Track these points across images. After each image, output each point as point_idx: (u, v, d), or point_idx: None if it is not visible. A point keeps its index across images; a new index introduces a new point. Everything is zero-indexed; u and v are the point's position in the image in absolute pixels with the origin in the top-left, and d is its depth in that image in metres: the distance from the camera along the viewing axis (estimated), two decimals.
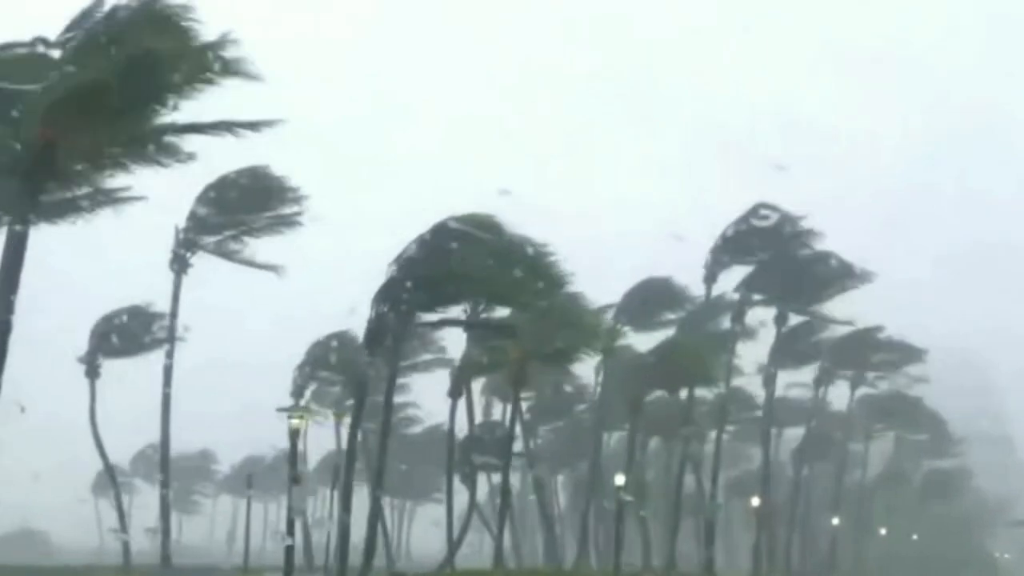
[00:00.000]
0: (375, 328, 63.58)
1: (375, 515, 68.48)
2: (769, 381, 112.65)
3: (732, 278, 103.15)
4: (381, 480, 68.90)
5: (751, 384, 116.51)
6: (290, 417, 50.42)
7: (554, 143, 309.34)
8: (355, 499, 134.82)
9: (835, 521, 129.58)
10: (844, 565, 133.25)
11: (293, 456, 50.49)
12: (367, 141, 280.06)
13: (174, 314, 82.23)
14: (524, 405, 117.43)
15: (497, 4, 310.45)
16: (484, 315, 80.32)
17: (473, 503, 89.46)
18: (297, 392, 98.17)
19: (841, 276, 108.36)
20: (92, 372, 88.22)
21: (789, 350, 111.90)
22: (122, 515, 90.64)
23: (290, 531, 50.62)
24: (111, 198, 56.59)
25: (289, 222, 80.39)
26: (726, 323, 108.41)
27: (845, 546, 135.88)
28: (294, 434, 50.27)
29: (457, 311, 71.62)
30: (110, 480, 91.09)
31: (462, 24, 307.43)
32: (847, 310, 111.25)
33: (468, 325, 69.66)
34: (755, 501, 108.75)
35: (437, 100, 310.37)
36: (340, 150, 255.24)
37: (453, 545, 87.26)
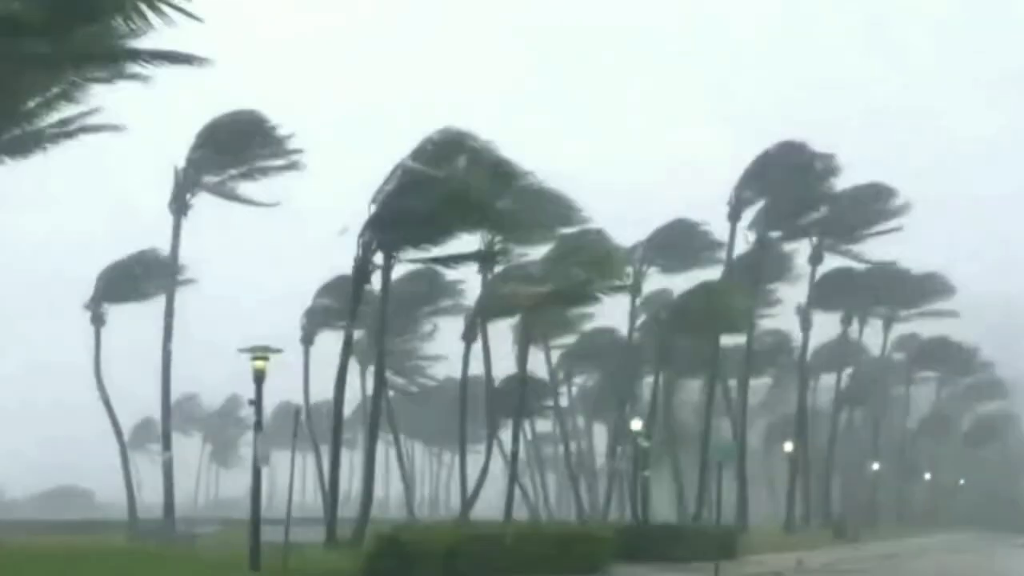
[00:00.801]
0: (361, 267, 58.60)
1: (370, 465, 63.36)
2: (805, 324, 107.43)
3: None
4: (375, 430, 63.63)
5: (793, 326, 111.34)
6: (253, 358, 45.32)
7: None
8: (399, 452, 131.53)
9: (875, 466, 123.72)
10: (887, 511, 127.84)
11: (258, 401, 45.44)
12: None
13: (175, 258, 77.79)
14: (557, 352, 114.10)
15: None
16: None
17: (489, 455, 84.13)
18: (307, 339, 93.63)
19: (877, 209, 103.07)
20: (97, 319, 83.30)
21: (821, 292, 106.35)
22: (128, 475, 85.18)
23: (256, 480, 45.64)
24: (81, 127, 51.53)
25: (288, 165, 75.83)
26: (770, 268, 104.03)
27: (888, 492, 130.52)
28: (258, 376, 45.23)
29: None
30: (116, 436, 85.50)
31: None
32: (879, 249, 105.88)
33: (451, 260, 63.68)
34: (788, 446, 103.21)
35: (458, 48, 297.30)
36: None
37: (470, 497, 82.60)
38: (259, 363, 45.25)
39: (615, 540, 59.05)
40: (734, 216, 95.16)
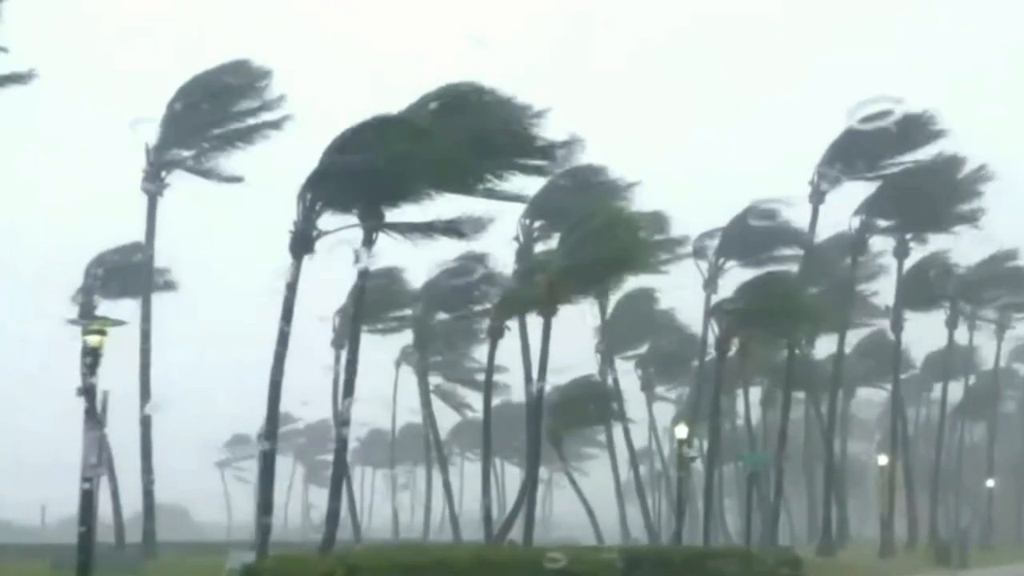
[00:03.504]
0: (303, 232, 45.42)
1: (336, 485, 50.67)
2: (896, 326, 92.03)
3: (844, 197, 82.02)
4: (344, 446, 52.55)
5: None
6: (85, 332, 33.17)
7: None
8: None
9: (990, 483, 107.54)
10: (1007, 532, 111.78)
11: (91, 386, 33.38)
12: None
13: (150, 246, 65.68)
14: (634, 360, 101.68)
15: None
16: None
17: (531, 472, 69.95)
18: (338, 342, 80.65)
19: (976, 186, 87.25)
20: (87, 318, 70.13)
21: (915, 288, 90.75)
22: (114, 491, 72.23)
23: (86, 487, 33.08)
24: None
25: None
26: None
27: (1008, 512, 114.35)
28: (92, 353, 33.02)
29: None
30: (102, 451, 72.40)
31: None
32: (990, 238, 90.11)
33: (419, 228, 49.44)
34: (882, 459, 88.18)
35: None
36: None
37: (508, 518, 69.74)
38: (94, 338, 33.37)
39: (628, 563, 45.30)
40: (816, 198, 79.80)
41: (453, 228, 49.17)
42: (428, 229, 48.84)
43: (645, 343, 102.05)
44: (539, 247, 71.50)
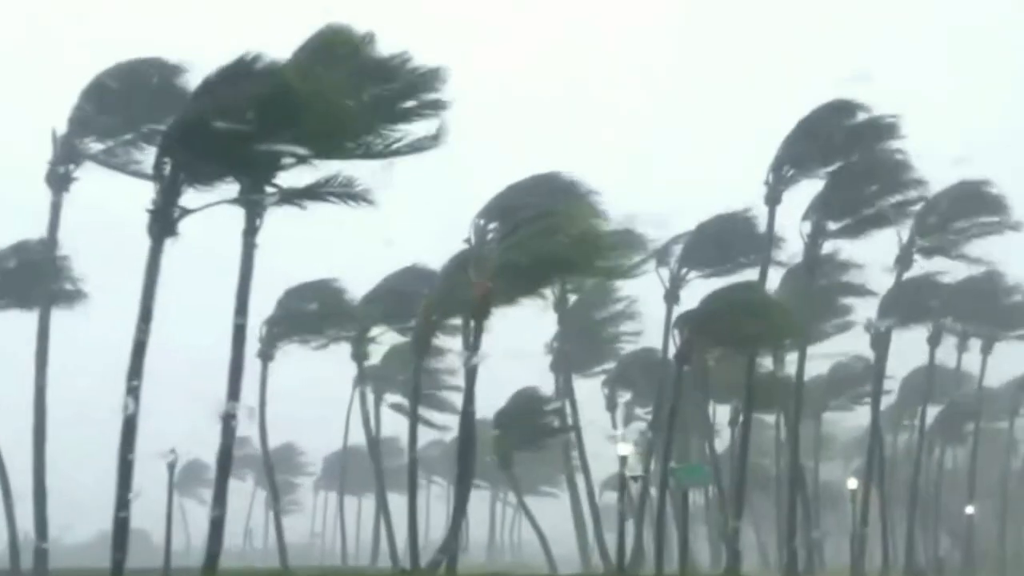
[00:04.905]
0: (162, 211, 38.02)
1: (220, 504, 43.19)
2: (879, 342, 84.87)
3: (799, 197, 74.65)
4: (228, 464, 44.37)
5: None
6: None
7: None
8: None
9: (970, 509, 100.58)
10: (989, 558, 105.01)
11: None
12: None
13: (51, 248, 58.65)
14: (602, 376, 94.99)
15: None
16: None
17: (463, 495, 62.87)
18: (265, 354, 73.58)
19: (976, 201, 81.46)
20: None
21: (900, 303, 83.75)
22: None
23: None
24: None
25: None
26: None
27: (989, 538, 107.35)
28: None
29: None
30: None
31: None
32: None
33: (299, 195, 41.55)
34: (852, 483, 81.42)
35: None
36: None
37: (444, 544, 62.36)
38: None
39: None
40: (772, 200, 72.49)
41: (349, 193, 41.44)
42: (315, 194, 41.13)
43: (611, 359, 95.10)
44: None
